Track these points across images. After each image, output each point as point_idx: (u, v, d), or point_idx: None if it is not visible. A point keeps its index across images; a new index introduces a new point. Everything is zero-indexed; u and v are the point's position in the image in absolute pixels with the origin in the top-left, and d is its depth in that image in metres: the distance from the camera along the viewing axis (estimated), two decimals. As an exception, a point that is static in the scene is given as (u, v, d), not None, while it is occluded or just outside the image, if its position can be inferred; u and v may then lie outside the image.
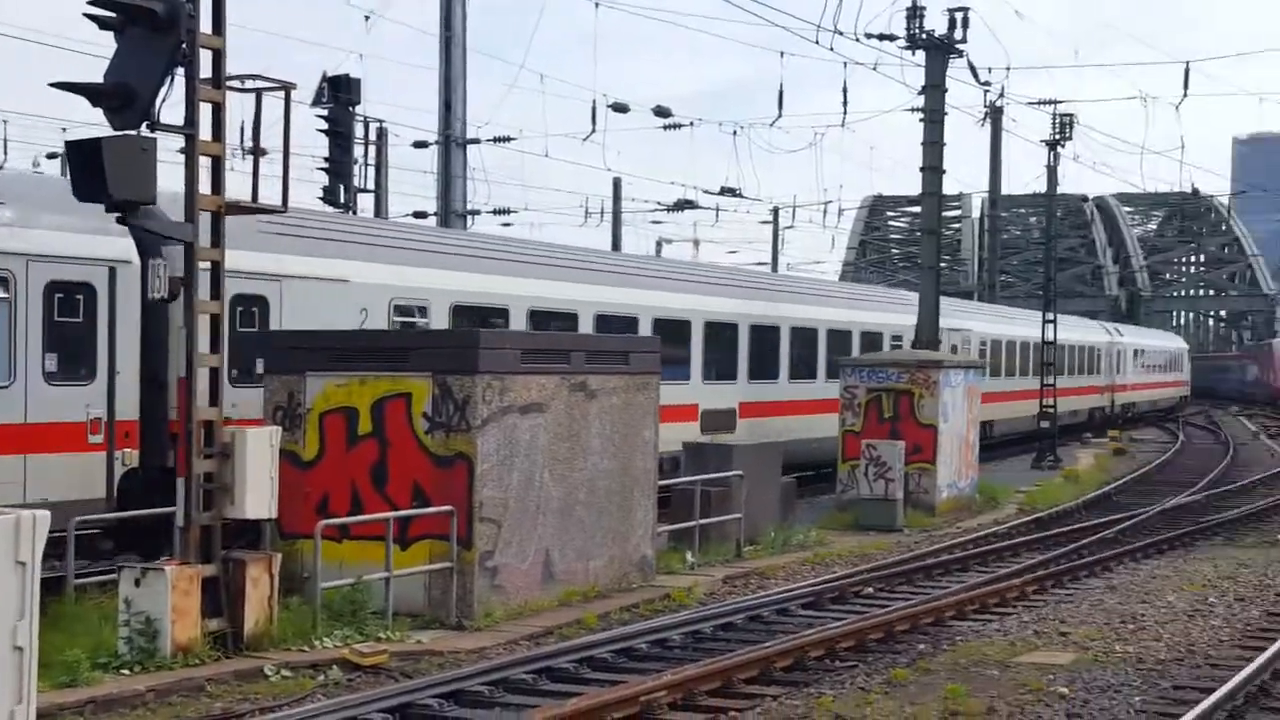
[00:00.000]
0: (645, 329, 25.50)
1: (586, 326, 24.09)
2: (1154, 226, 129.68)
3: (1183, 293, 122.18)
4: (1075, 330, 56.50)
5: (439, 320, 21.05)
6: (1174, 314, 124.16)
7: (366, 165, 32.88)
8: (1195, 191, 77.11)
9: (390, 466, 15.82)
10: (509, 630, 15.07)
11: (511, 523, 16.01)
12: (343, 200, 29.08)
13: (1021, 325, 46.85)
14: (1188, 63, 42.29)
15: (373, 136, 33.96)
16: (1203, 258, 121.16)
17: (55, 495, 15.61)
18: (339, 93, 29.39)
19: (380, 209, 34.95)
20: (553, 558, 16.61)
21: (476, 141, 38.16)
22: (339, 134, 29.38)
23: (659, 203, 62.38)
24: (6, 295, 15.49)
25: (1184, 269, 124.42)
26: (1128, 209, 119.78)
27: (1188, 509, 27.94)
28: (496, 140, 43.97)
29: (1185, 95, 43.14)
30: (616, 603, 16.68)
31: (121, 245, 16.28)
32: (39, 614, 6.09)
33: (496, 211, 54.72)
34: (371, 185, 33.74)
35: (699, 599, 17.41)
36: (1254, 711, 11.93)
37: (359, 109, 30.47)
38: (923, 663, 13.79)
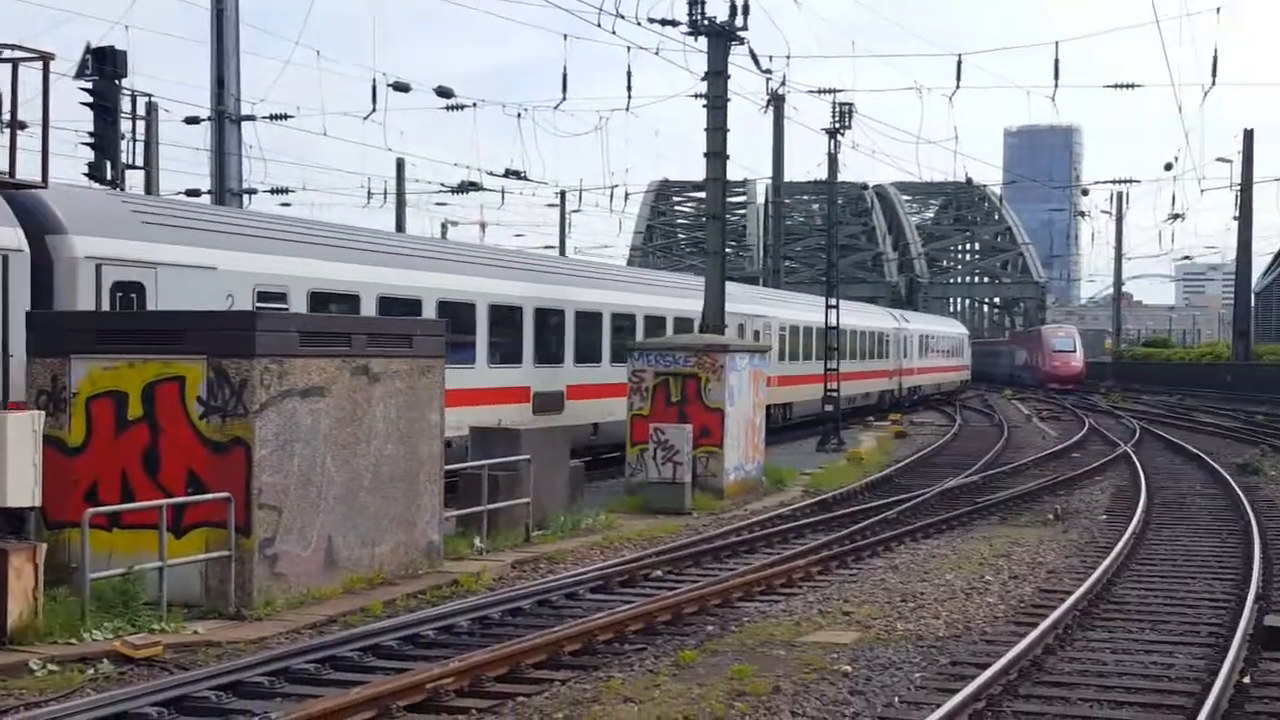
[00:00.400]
0: (482, 315, 26.81)
1: (430, 312, 24.77)
2: (931, 215, 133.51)
3: (959, 279, 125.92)
4: (866, 317, 58.93)
5: (298, 306, 21.78)
6: (951, 300, 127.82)
7: (135, 141, 31.90)
8: (969, 181, 79.84)
9: (163, 453, 15.33)
10: (291, 619, 14.77)
11: (292, 509, 15.69)
12: (109, 176, 28.19)
13: (818, 312, 47.77)
14: (960, 55, 43.46)
15: (141, 111, 32.96)
16: (977, 246, 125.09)
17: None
18: (104, 65, 28.45)
19: (150, 186, 33.98)
20: (336, 544, 16.33)
21: (251, 118, 37.40)
22: (104, 108, 28.45)
23: (443, 184, 61.82)
24: None
25: (960, 256, 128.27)
26: (906, 197, 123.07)
27: (965, 490, 28.73)
28: (272, 118, 43.26)
29: (958, 87, 44.43)
30: (403, 589, 16.49)
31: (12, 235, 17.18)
32: None
33: (274, 191, 53.76)
34: (141, 161, 32.75)
35: (487, 584, 17.31)
36: (1028, 685, 12.28)
37: (125, 82, 29.57)
38: (710, 644, 13.91)
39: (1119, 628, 14.95)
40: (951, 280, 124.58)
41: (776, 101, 50.34)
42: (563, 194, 76.39)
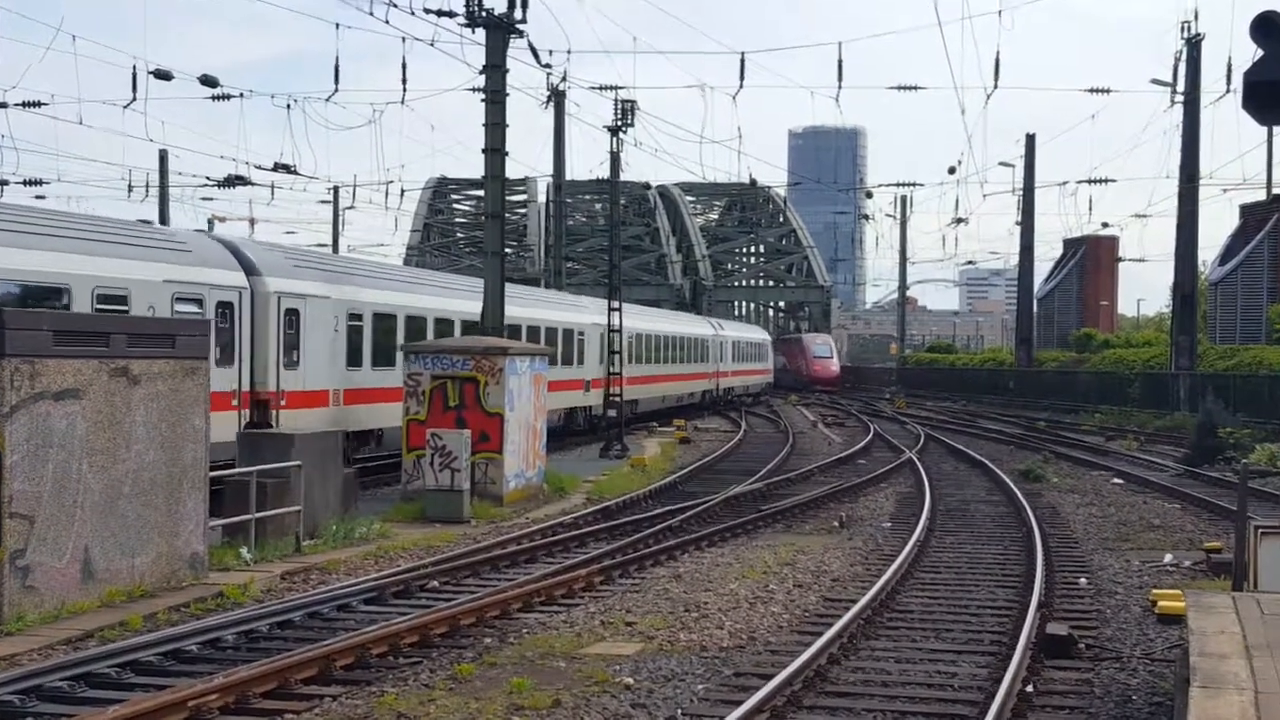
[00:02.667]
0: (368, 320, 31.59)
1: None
2: (715, 216, 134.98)
3: (744, 283, 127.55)
4: (689, 324, 68.09)
5: (368, 323, 30.76)
6: (736, 303, 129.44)
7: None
8: (753, 182, 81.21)
9: (-95, 458, 14.97)
10: (44, 634, 14.42)
11: (46, 518, 15.29)
12: None
13: (666, 322, 61.37)
14: (743, 54, 44.16)
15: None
16: (762, 248, 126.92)
17: None
18: None
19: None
20: (93, 555, 15.95)
21: (4, 106, 36.35)
22: None
23: (209, 178, 60.45)
24: None
25: (745, 259, 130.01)
26: (690, 198, 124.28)
27: (750, 497, 29.23)
28: (25, 105, 42.10)
29: (741, 86, 45.12)
30: (165, 602, 16.19)
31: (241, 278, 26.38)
32: None
33: (27, 182, 52.30)
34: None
35: (255, 596, 17.10)
36: (812, 695, 12.57)
37: None
38: (489, 657, 13.95)
39: (903, 636, 15.40)
40: (736, 284, 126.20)
41: (557, 97, 50.45)
42: (335, 190, 75.66)
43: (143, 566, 16.77)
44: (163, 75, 39.06)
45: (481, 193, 38.90)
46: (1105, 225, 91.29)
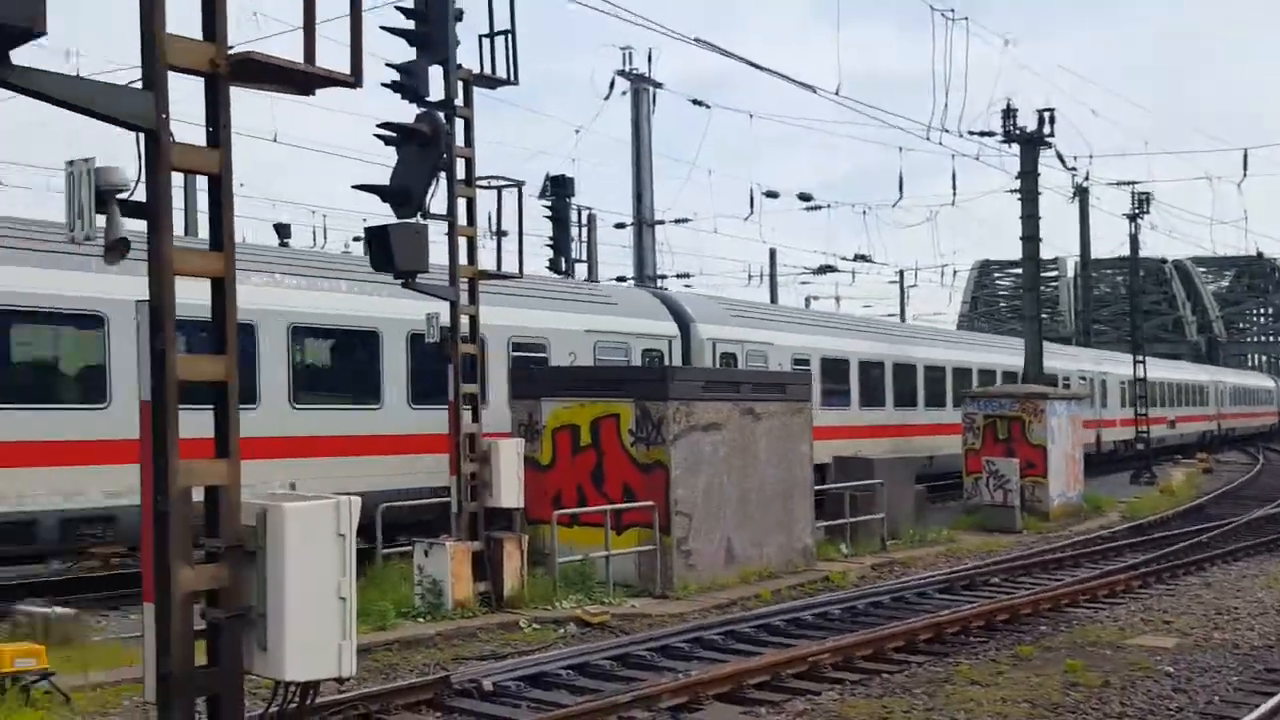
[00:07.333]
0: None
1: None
2: (1226, 284, 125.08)
3: (1257, 338, 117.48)
4: (1189, 372, 66.59)
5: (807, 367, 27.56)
6: (1249, 356, 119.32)
7: (580, 242, 33.70)
8: (1259, 255, 73.88)
9: (606, 471, 16.25)
10: (701, 600, 15.24)
11: (700, 516, 16.19)
12: (563, 269, 30.05)
13: (1170, 371, 59.94)
14: (1246, 149, 41.08)
15: (584, 220, 34.80)
16: (1271, 310, 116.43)
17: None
18: (558, 188, 30.60)
19: (592, 274, 35.81)
20: (733, 544, 16.74)
21: (661, 223, 39.08)
22: (559, 219, 30.53)
23: (805, 268, 62.32)
24: None
25: (1255, 319, 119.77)
26: (1201, 269, 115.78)
27: (1272, 519, 26.76)
28: (677, 221, 45.08)
29: (1245, 175, 41.80)
30: (785, 582, 16.74)
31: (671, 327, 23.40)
32: (356, 574, 6.31)
33: (678, 276, 55.86)
34: (584, 257, 34.62)
35: (852, 582, 17.37)
36: (1334, 688, 11.35)
37: (573, 200, 31.42)
38: (1044, 641, 13.46)
39: None
40: (1249, 339, 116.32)
41: (1081, 194, 48.67)
42: (901, 273, 75.78)
43: (768, 554, 17.38)
44: (771, 194, 40.79)
45: (1020, 271, 37.90)
46: None
